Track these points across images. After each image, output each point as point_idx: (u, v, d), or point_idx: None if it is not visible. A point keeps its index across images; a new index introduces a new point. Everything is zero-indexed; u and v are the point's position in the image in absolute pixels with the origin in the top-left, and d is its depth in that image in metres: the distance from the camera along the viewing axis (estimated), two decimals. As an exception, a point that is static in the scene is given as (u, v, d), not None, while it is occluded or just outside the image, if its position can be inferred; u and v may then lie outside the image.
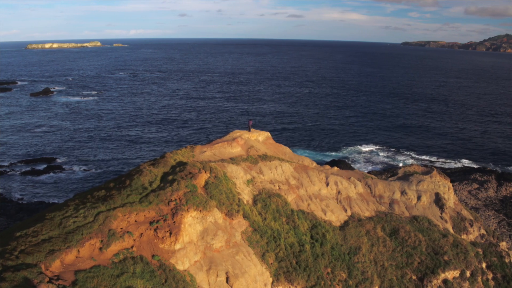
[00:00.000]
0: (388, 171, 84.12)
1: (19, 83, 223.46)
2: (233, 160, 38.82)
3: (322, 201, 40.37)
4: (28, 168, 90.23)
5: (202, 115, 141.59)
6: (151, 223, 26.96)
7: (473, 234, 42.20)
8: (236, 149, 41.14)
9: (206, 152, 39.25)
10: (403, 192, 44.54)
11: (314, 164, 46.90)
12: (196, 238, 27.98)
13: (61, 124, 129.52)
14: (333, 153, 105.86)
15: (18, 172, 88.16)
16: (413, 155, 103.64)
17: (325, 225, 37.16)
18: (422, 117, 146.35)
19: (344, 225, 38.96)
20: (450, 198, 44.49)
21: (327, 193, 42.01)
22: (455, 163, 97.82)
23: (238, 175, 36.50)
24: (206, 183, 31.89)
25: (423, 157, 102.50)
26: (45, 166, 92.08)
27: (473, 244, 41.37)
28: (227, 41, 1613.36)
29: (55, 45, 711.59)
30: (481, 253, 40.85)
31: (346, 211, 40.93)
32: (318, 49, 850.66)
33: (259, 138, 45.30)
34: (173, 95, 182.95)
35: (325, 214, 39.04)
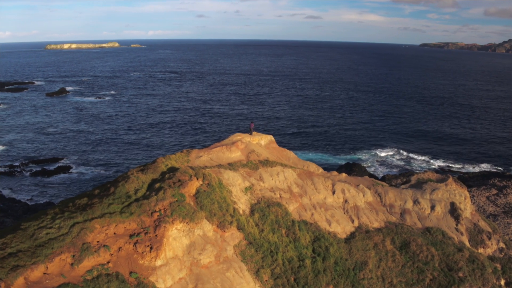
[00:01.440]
0: (403, 175, 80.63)
1: (36, 83, 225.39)
2: (231, 165, 36.23)
3: (327, 210, 37.47)
4: (39, 168, 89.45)
5: (215, 118, 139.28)
6: (131, 236, 24.55)
7: (491, 247, 38.74)
8: (235, 154, 38.54)
9: (203, 157, 36.74)
10: (415, 201, 41.29)
11: (321, 170, 43.98)
12: (181, 253, 25.47)
13: (73, 124, 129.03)
14: (348, 156, 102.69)
15: (28, 172, 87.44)
16: (430, 159, 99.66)
17: (329, 238, 34.26)
18: (440, 121, 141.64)
19: (350, 237, 35.98)
20: (467, 208, 41.08)
21: (333, 202, 39.07)
22: (473, 167, 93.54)
23: (236, 182, 33.88)
24: (197, 191, 29.36)
25: (440, 160, 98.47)
26: (55, 166, 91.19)
27: (491, 258, 37.90)
28: (244, 42, 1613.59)
29: (73, 46, 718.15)
30: (499, 268, 37.37)
31: (353, 221, 37.94)
32: (335, 50, 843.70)
33: (261, 142, 42.61)
34: (188, 97, 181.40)
35: (329, 225, 36.14)
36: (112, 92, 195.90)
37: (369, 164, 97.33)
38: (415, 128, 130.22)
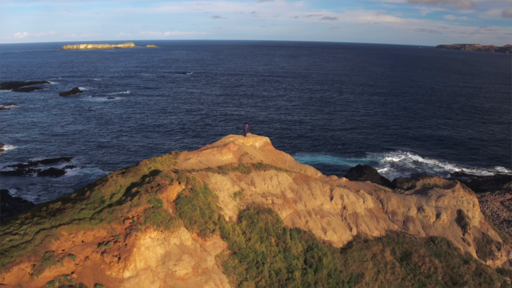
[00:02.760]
0: (415, 179, 77.62)
1: (51, 83, 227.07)
2: (221, 169, 34.23)
3: (323, 217, 35.18)
4: (47, 168, 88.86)
5: (226, 120, 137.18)
6: (99, 244, 22.75)
7: (500, 259, 35.95)
8: (226, 156, 36.49)
9: (191, 160, 34.80)
10: (420, 209, 38.70)
11: (319, 174, 41.64)
12: (155, 263, 23.56)
13: (83, 124, 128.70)
14: (360, 159, 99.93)
15: (36, 172, 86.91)
16: (444, 162, 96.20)
17: (323, 247, 31.98)
18: (455, 123, 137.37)
19: (347, 247, 33.65)
20: (475, 216, 38.33)
21: (330, 209, 36.76)
22: (488, 170, 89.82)
23: (224, 186, 31.87)
24: (178, 197, 27.43)
25: (454, 164, 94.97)
26: (63, 166, 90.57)
27: (500, 271, 35.13)
28: (260, 43, 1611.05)
29: (89, 46, 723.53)
30: (509, 282, 34.61)
31: (351, 229, 35.58)
32: (351, 51, 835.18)
33: (256, 144, 40.46)
34: (199, 99, 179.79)
35: (325, 233, 33.86)
36: (124, 92, 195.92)
37: (381, 167, 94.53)
38: (429, 131, 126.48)
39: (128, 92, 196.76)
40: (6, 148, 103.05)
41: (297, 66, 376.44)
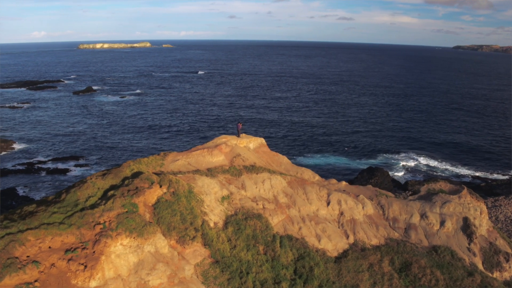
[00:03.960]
0: (427, 181, 74.98)
1: (65, 81, 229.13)
2: (210, 171, 32.61)
3: (318, 224, 33.28)
4: (56, 167, 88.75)
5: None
6: (66, 251, 21.35)
7: (508, 271, 33.52)
8: (217, 158, 34.84)
9: (179, 161, 33.26)
10: (423, 215, 36.47)
11: (317, 177, 39.67)
12: (127, 272, 22.06)
13: (94, 123, 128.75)
14: (372, 161, 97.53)
15: (45, 170, 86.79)
16: (457, 165, 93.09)
17: (316, 256, 30.08)
18: (471, 125, 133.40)
19: (342, 256, 31.68)
20: (482, 224, 35.91)
21: (326, 214, 34.81)
22: (503, 174, 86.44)
23: (211, 190, 30.24)
24: (158, 201, 25.91)
25: (468, 166, 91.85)
26: (72, 165, 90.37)
27: (508, 284, 32.74)
28: (275, 43, 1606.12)
29: (105, 45, 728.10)
30: (519, 297, 32.28)
31: (347, 237, 33.60)
32: (367, 52, 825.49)
33: (250, 145, 38.69)
34: (212, 99, 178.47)
35: (319, 241, 31.95)
36: (137, 91, 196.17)
37: (393, 169, 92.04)
38: (444, 134, 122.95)
39: (141, 91, 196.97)
40: (17, 146, 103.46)
41: (312, 67, 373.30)
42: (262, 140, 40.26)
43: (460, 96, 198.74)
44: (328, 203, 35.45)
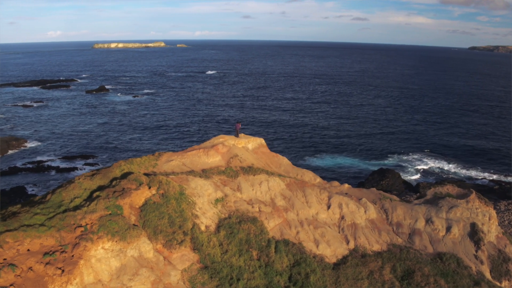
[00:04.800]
0: (440, 184, 72.95)
1: (79, 81, 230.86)
2: (205, 172, 31.53)
3: (317, 228, 31.95)
4: (65, 165, 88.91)
5: (250, 124, 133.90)
6: (45, 254, 20.50)
7: (519, 282, 31.79)
8: (214, 159, 33.73)
9: (174, 161, 32.25)
10: (428, 221, 34.85)
11: (318, 179, 38.29)
12: (108, 277, 21.11)
13: (105, 122, 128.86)
14: (384, 162, 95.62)
15: (55, 169, 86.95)
16: (471, 168, 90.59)
17: (313, 262, 28.77)
18: (487, 128, 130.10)
19: (341, 262, 30.30)
20: (491, 230, 34.14)
21: (326, 218, 33.45)
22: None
23: (204, 192, 29.15)
24: (145, 203, 24.93)
25: (482, 169, 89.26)
26: (82, 163, 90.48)
27: (519, 296, 31.06)
28: (290, 43, 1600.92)
29: (120, 45, 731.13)
30: (529, 308, 30.53)
31: (348, 242, 32.20)
32: (382, 52, 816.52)
33: (249, 145, 37.46)
34: (224, 99, 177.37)
35: (317, 246, 30.64)
36: (149, 91, 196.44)
37: (405, 171, 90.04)
38: (458, 136, 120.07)
39: (153, 91, 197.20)
40: (29, 144, 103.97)
41: (325, 67, 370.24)
42: (261, 141, 39.03)
43: (476, 98, 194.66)
44: (329, 207, 34.10)
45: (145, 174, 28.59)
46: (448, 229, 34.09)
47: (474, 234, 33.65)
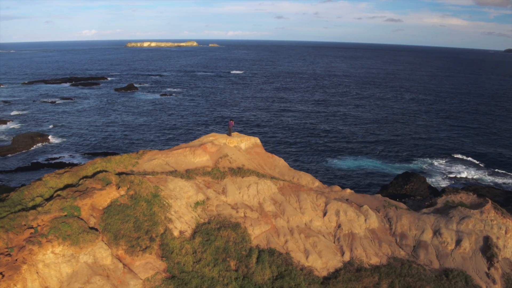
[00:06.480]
0: (466, 190, 68.42)
1: (109, 78, 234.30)
2: (188, 172, 29.43)
3: (308, 237, 29.26)
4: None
5: (274, 127, 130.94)
6: (-13, 258, 18.93)
7: (537, 306, 28.07)
8: (201, 158, 31.57)
9: (156, 160, 30.30)
10: (436, 232, 31.49)
11: (317, 183, 35.44)
12: (57, 284, 19.30)
13: (132, 119, 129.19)
14: (409, 165, 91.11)
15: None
16: (502, 175, 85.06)
17: (299, 275, 26.10)
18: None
19: (332, 276, 27.50)
20: (507, 245, 30.46)
21: (321, 226, 30.69)
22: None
23: (184, 194, 27.04)
24: (110, 204, 23.04)
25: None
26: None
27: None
28: (323, 44, 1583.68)
29: (153, 44, 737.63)
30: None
31: (343, 254, 29.35)
32: (415, 54, 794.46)
33: (241, 145, 35.03)
34: (252, 99, 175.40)
35: (307, 257, 27.95)
36: (178, 90, 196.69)
37: (432, 176, 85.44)
38: (491, 141, 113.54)
39: (181, 90, 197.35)
40: (52, 140, 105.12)
41: (357, 68, 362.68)
42: (256, 140, 36.54)
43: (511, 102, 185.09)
44: (325, 214, 31.32)
45: (122, 174, 26.79)
46: (458, 242, 30.67)
47: (487, 249, 30.10)
